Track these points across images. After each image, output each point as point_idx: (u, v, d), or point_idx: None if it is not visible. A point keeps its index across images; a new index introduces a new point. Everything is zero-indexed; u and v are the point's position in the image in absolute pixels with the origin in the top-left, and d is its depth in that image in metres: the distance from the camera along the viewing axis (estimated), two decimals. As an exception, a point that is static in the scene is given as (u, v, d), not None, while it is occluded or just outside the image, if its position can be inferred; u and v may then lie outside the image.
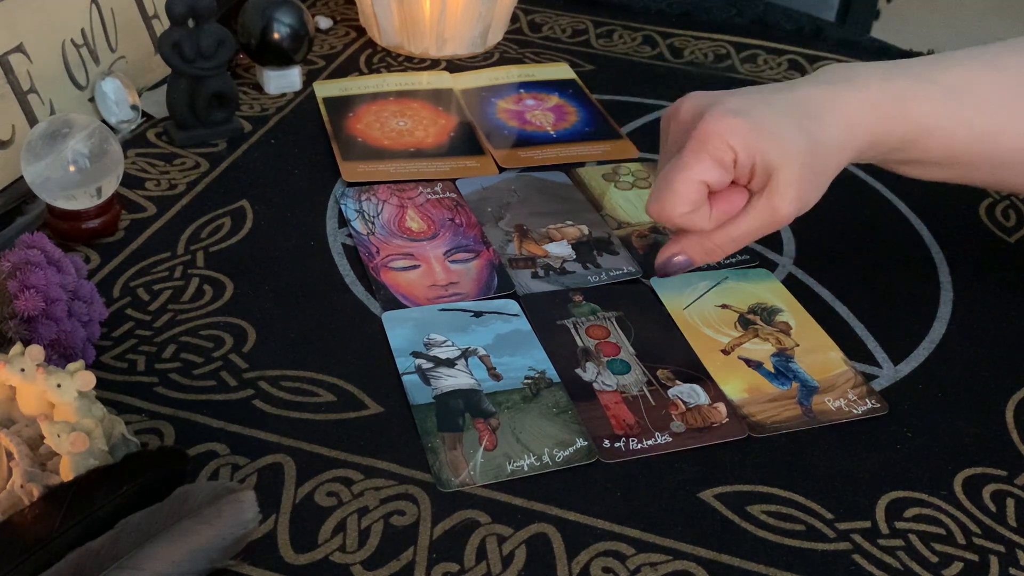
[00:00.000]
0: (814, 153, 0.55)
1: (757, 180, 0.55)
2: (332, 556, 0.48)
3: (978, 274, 0.69)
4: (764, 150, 0.54)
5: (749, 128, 0.54)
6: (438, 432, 0.54)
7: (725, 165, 0.55)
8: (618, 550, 0.49)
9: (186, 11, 0.72)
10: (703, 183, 0.55)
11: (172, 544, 0.43)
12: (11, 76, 0.69)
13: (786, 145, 0.54)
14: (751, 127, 0.54)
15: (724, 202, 0.56)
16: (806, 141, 0.55)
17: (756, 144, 0.54)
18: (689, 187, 0.55)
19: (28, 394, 0.47)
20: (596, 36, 0.98)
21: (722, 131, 0.54)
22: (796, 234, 0.72)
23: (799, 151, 0.55)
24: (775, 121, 0.55)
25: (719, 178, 0.55)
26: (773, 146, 0.54)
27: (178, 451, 0.50)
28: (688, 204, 0.55)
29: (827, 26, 1.03)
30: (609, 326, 0.62)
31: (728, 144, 0.54)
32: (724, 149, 0.54)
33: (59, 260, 0.55)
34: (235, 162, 0.76)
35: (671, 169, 0.56)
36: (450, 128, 0.81)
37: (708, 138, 0.54)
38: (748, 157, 0.54)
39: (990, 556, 0.50)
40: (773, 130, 0.54)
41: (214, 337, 0.60)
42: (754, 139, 0.54)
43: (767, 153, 0.54)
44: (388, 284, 0.64)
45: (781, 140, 0.54)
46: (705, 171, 0.55)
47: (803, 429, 0.56)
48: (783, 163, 0.54)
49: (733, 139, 0.54)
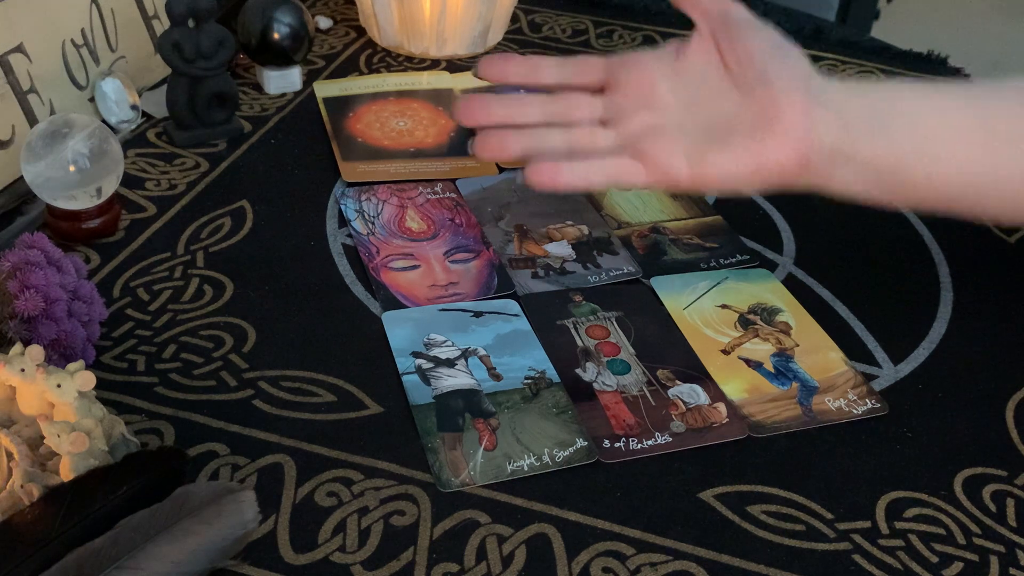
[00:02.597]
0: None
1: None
2: (332, 556, 0.48)
3: (978, 274, 0.69)
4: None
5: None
6: (438, 432, 0.54)
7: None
8: (618, 550, 0.49)
9: (186, 11, 0.72)
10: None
11: (172, 544, 0.43)
12: (11, 76, 0.69)
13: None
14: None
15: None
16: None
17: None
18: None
19: (28, 394, 0.47)
20: (596, 36, 0.98)
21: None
22: (796, 234, 0.72)
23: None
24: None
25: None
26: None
27: (178, 451, 0.50)
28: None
29: (827, 26, 1.03)
30: (609, 326, 0.62)
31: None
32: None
33: (59, 260, 0.55)
34: (235, 162, 0.76)
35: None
36: (450, 128, 0.81)
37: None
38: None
39: (990, 556, 0.50)
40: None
41: (214, 337, 0.60)
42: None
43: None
44: (388, 284, 0.64)
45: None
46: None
47: (803, 429, 0.56)
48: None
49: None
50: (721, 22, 0.57)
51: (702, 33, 0.58)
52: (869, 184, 0.56)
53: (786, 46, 0.57)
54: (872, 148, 0.55)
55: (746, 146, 0.54)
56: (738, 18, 0.57)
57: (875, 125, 0.55)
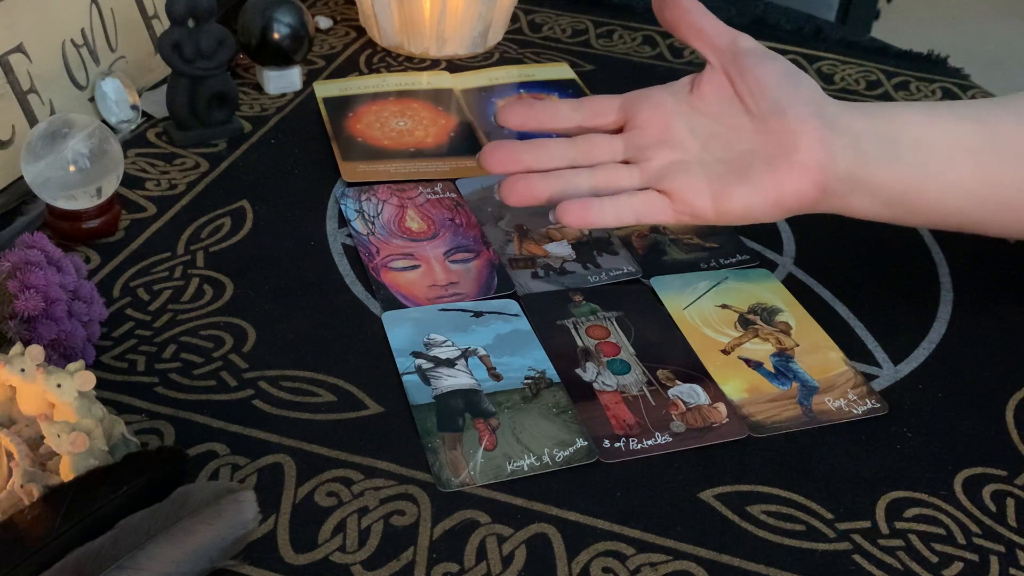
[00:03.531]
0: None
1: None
2: (332, 556, 0.48)
3: (978, 274, 0.69)
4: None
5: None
6: (438, 432, 0.54)
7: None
8: (618, 550, 0.49)
9: (186, 11, 0.72)
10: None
11: (172, 544, 0.43)
12: (11, 76, 0.69)
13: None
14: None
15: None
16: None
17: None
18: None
19: (28, 394, 0.47)
20: (596, 36, 0.98)
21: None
22: (796, 234, 0.72)
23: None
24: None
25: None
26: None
27: (178, 451, 0.50)
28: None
29: (827, 26, 1.03)
30: (609, 326, 0.62)
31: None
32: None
33: (59, 260, 0.55)
34: (235, 162, 0.76)
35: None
36: (450, 128, 0.81)
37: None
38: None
39: (990, 556, 0.50)
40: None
41: (214, 337, 0.60)
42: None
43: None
44: (388, 284, 0.64)
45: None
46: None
47: (803, 429, 0.56)
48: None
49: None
50: (731, 54, 0.58)
51: (714, 66, 0.59)
52: (885, 207, 0.57)
53: (797, 74, 0.57)
54: (885, 173, 0.55)
55: (764, 179, 0.56)
56: (747, 48, 0.58)
57: (888, 150, 0.55)
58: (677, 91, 0.60)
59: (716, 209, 0.56)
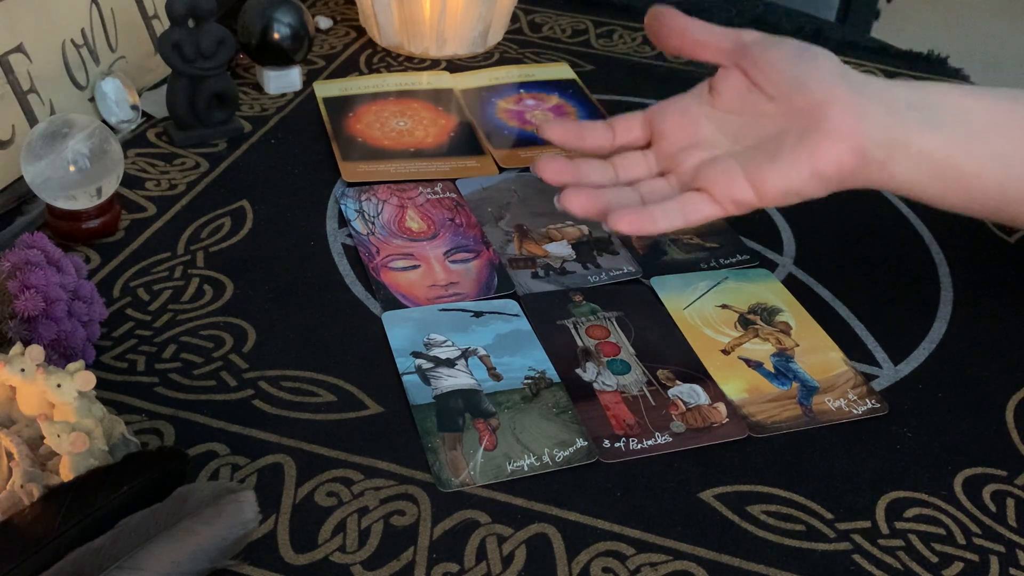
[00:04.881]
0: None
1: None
2: (332, 556, 0.48)
3: (978, 274, 0.69)
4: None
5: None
6: (438, 432, 0.54)
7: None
8: (618, 550, 0.49)
9: (186, 11, 0.72)
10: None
11: (172, 544, 0.43)
12: (11, 76, 0.69)
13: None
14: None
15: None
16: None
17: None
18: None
19: (28, 394, 0.47)
20: (596, 36, 0.98)
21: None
22: (796, 234, 0.72)
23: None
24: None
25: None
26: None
27: (178, 451, 0.50)
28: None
29: (827, 26, 1.03)
30: (609, 326, 0.62)
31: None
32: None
33: (59, 260, 0.55)
34: (235, 162, 0.76)
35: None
36: (450, 128, 0.81)
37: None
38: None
39: (990, 556, 0.50)
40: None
41: (214, 337, 0.60)
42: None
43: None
44: (388, 284, 0.64)
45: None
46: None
47: (803, 429, 0.56)
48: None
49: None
50: (739, 51, 0.58)
51: (727, 66, 0.59)
52: (929, 177, 0.55)
53: (811, 48, 0.57)
54: (927, 140, 0.54)
55: (798, 153, 0.55)
56: (753, 40, 0.58)
57: (929, 116, 0.55)
58: (697, 96, 0.61)
59: (757, 193, 0.56)
